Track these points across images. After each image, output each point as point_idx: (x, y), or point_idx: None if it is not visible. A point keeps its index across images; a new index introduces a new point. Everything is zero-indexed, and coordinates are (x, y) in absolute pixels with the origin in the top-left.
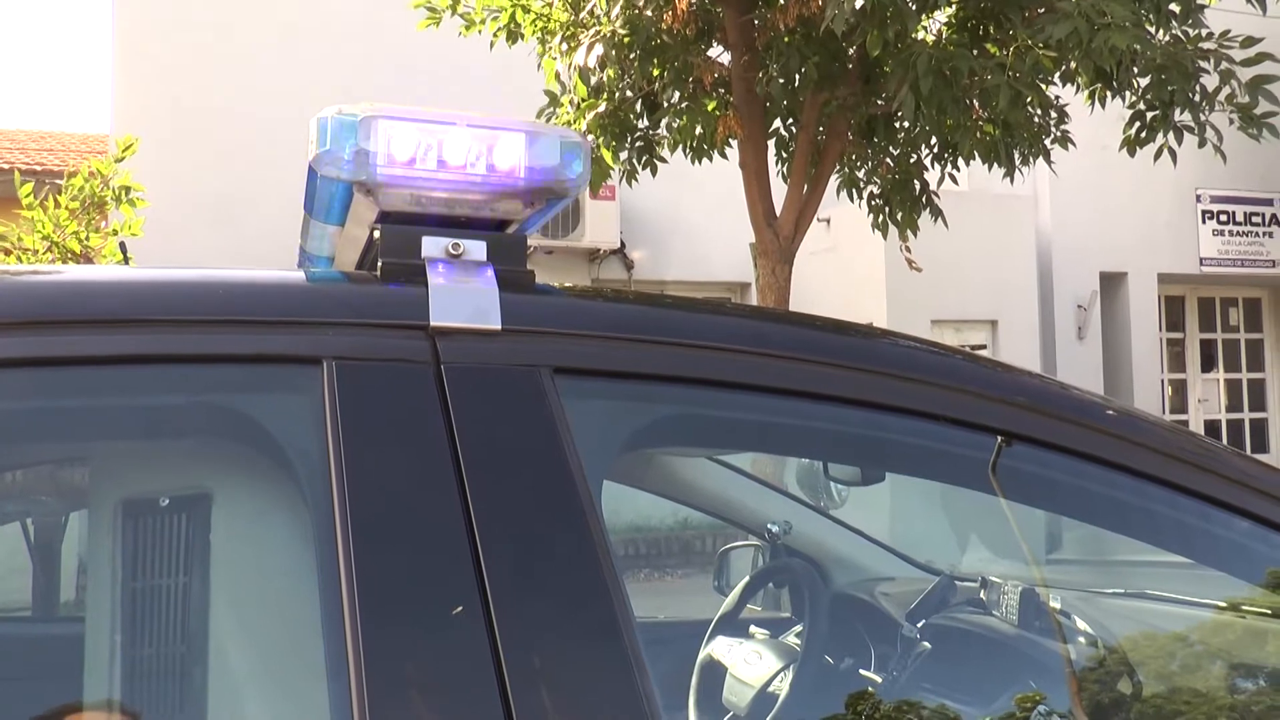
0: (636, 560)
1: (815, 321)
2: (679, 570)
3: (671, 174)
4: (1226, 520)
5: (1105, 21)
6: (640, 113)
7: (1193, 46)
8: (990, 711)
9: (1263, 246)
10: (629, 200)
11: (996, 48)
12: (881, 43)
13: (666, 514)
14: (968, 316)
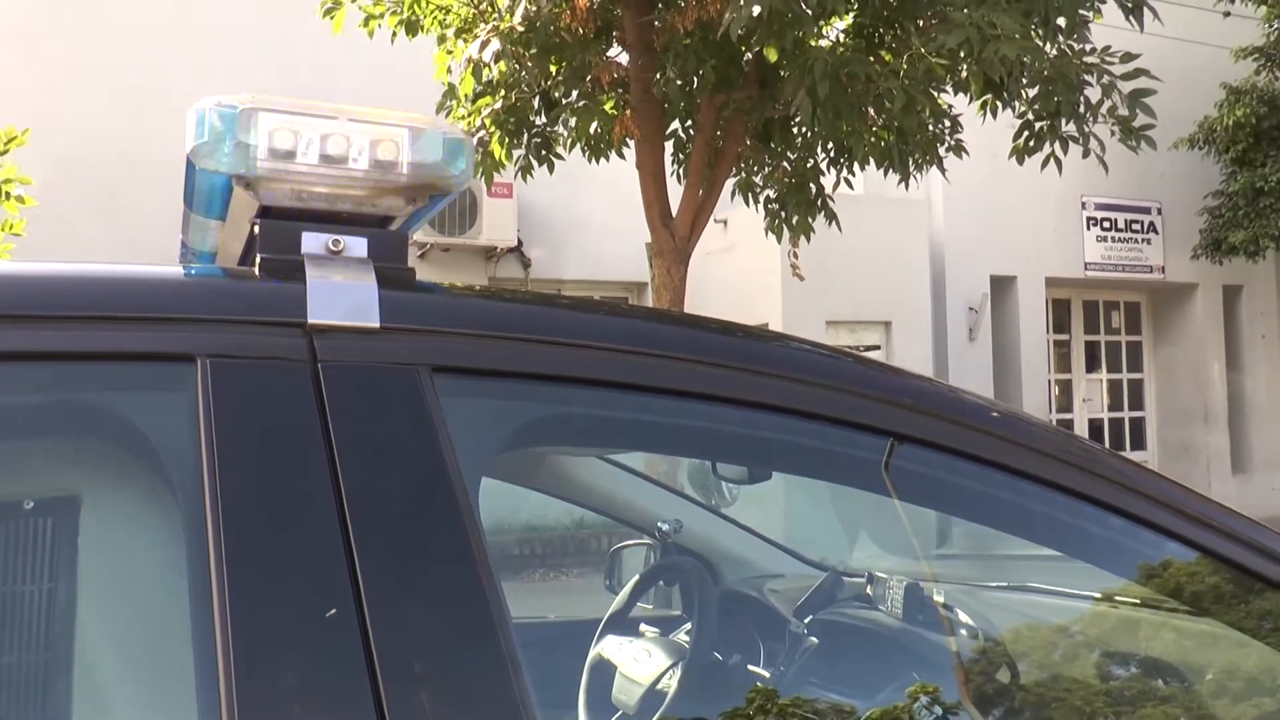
0: (532, 560)
1: (699, 322)
2: (574, 569)
3: (570, 172)
4: (1103, 518)
5: (995, 33)
6: (538, 110)
7: (1078, 60)
8: (875, 703)
9: (1142, 252)
10: (527, 198)
11: (891, 55)
12: (779, 48)
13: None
14: (862, 318)
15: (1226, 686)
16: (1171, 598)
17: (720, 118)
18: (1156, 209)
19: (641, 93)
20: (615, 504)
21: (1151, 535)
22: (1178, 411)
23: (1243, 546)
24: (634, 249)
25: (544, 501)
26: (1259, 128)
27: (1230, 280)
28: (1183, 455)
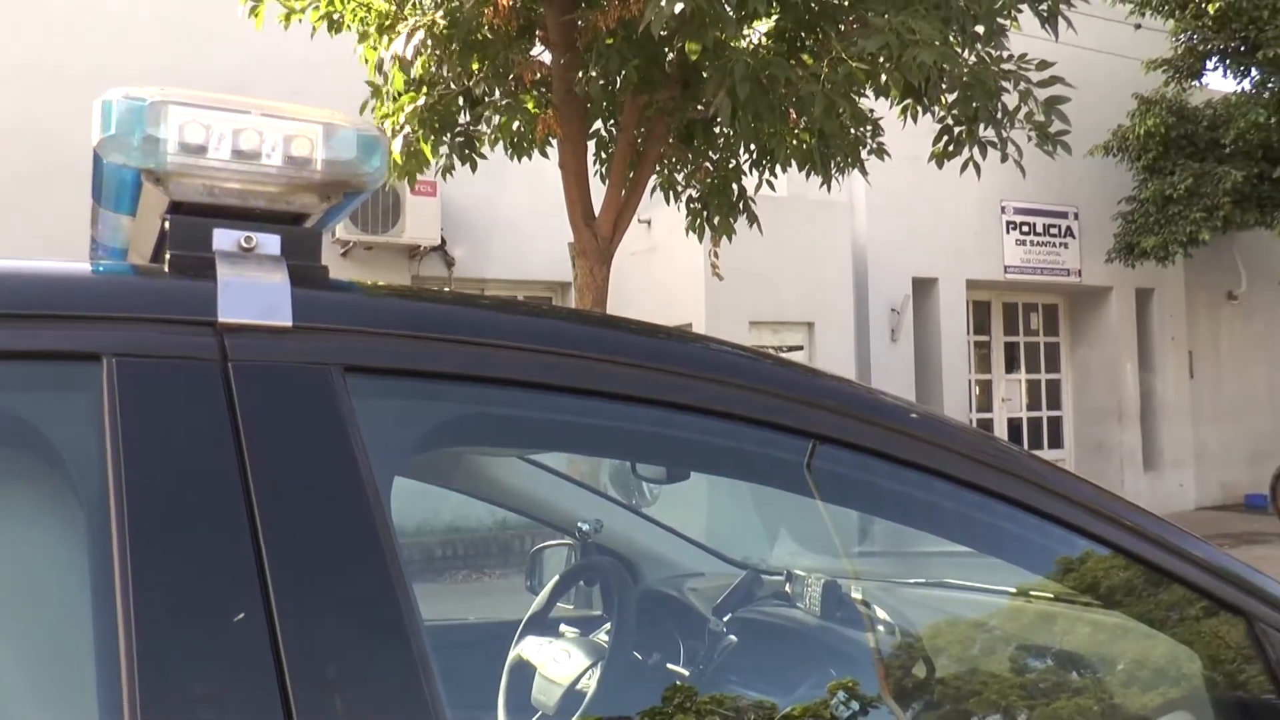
0: (455, 561)
1: (617, 322)
2: (497, 570)
3: (493, 171)
4: (1018, 516)
5: (915, 39)
6: (461, 108)
7: (996, 67)
8: (793, 700)
9: (1060, 256)
10: (450, 197)
11: (812, 58)
12: (700, 48)
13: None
14: (785, 318)
15: (1136, 676)
16: (1084, 593)
17: (643, 118)
18: (1073, 214)
19: (564, 92)
20: (536, 504)
21: (1065, 533)
22: (1093, 411)
23: (1149, 543)
24: (558, 249)
25: (467, 502)
26: (1168, 137)
27: (1142, 284)
28: (1098, 453)
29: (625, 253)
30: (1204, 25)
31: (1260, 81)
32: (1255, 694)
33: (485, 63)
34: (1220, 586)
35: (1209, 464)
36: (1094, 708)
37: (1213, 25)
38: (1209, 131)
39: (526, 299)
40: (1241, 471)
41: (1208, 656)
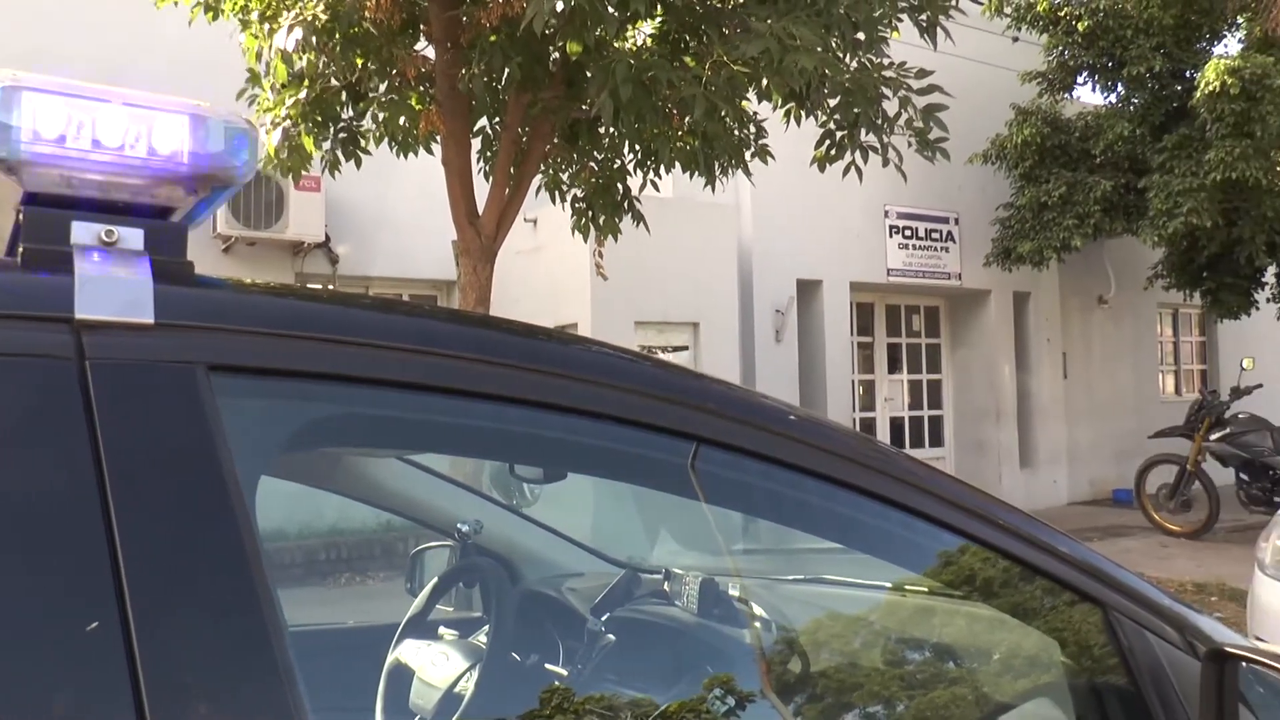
0: (338, 564)
1: (494, 323)
2: (381, 573)
3: (379, 168)
4: (896, 515)
5: (795, 44)
6: (344, 103)
7: (876, 74)
8: (670, 697)
9: (941, 260)
10: (335, 193)
11: (694, 61)
12: (583, 47)
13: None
14: (671, 319)
15: (1003, 666)
16: (957, 588)
17: (527, 116)
18: (954, 219)
19: (448, 88)
20: (415, 506)
21: (938, 530)
22: (972, 410)
23: (1016, 538)
24: (444, 247)
25: (351, 504)
26: (1043, 146)
27: (1020, 287)
28: (976, 451)
29: (511, 252)
30: (1075, 41)
31: (1125, 96)
32: (1108, 679)
33: (368, 57)
34: (1079, 578)
35: (1080, 461)
36: (969, 697)
37: (1082, 42)
38: (1081, 142)
39: (409, 298)
40: (1110, 468)
41: (1067, 645)
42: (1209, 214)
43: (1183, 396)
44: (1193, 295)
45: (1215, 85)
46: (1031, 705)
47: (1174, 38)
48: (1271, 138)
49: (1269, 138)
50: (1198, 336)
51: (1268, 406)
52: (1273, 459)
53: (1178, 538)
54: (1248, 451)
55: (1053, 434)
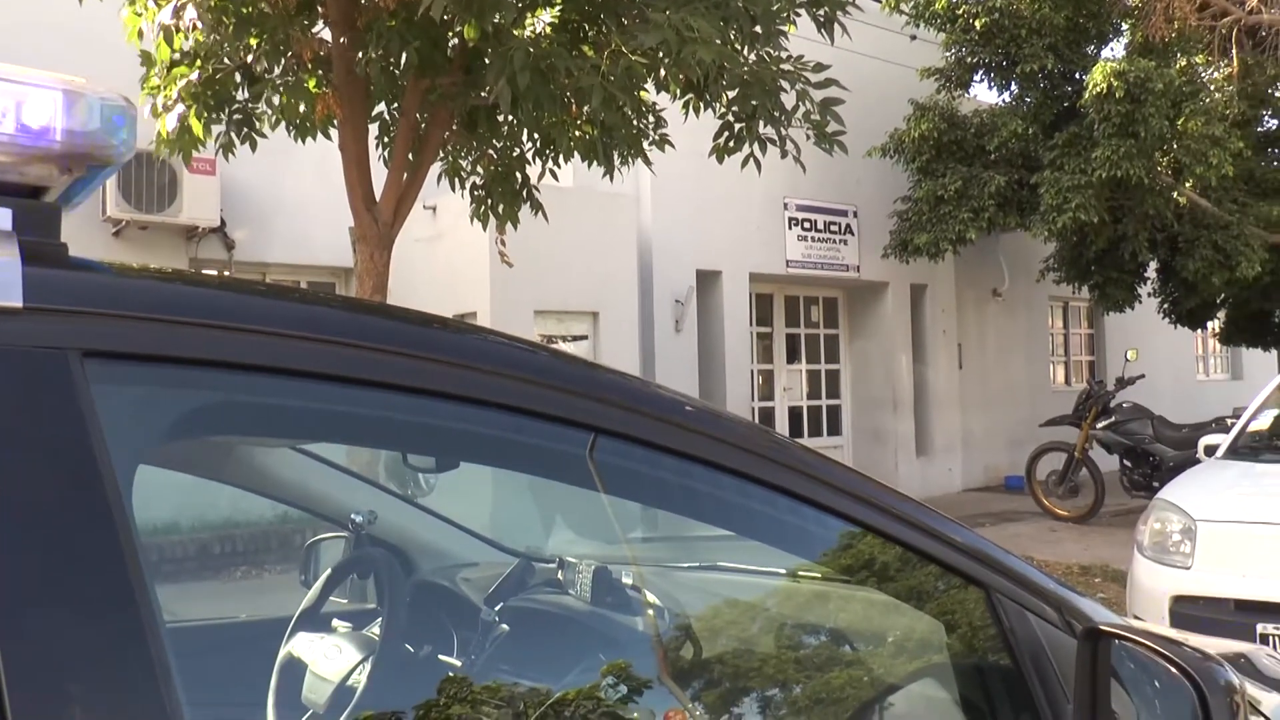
0: (234, 557)
1: (380, 310)
2: (278, 565)
3: (277, 151)
4: (791, 504)
5: (693, 35)
6: (239, 84)
7: (775, 67)
8: (564, 686)
9: (839, 252)
10: (232, 176)
11: (593, 50)
12: (481, 33)
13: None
14: (570, 308)
15: (899, 647)
16: (852, 573)
17: (425, 102)
18: (853, 212)
19: (345, 72)
20: (309, 496)
21: (832, 519)
22: (870, 400)
23: (905, 525)
24: (341, 233)
25: (245, 495)
26: (940, 141)
27: (917, 279)
28: (874, 440)
29: (410, 239)
30: (971, 40)
31: (1019, 95)
32: (991, 659)
33: (263, 38)
34: (965, 562)
35: (974, 449)
36: (864, 678)
37: (979, 40)
38: (976, 138)
39: (306, 285)
40: (1002, 455)
41: (953, 627)
42: (1096, 210)
43: (1072, 386)
44: (1081, 289)
45: (1102, 87)
46: (918, 686)
47: (1065, 39)
48: (1153, 139)
49: (1151, 139)
50: (1086, 329)
51: (1149, 396)
52: (1153, 446)
53: (1066, 522)
54: (1131, 439)
55: (948, 423)
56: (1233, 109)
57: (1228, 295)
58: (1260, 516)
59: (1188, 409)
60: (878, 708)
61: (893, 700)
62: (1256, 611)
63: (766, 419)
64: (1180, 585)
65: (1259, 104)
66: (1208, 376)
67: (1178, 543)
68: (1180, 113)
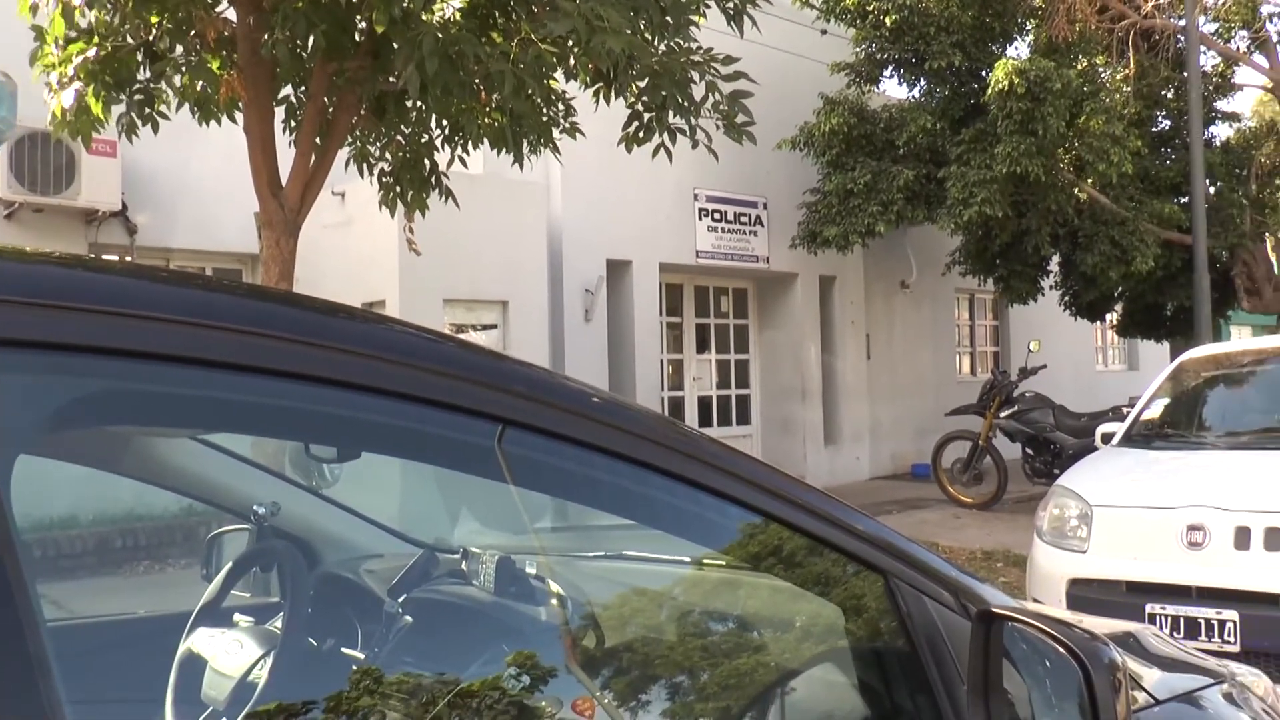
0: (136, 551)
1: (279, 297)
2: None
3: (182, 133)
4: (696, 495)
5: (603, 25)
6: (140, 63)
7: (684, 58)
8: (468, 677)
9: (749, 243)
10: (134, 159)
11: (503, 37)
12: (389, 18)
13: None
14: (480, 296)
15: (800, 633)
16: (755, 562)
17: (332, 86)
18: (762, 204)
19: (249, 53)
20: (211, 488)
21: (737, 509)
22: (779, 389)
23: (808, 514)
24: (248, 219)
25: (147, 488)
26: (850, 135)
27: (826, 271)
28: (783, 429)
29: (318, 225)
30: (881, 36)
31: (927, 91)
32: (889, 642)
33: (164, 16)
34: (865, 549)
35: (882, 438)
36: (766, 664)
37: (889, 37)
38: (885, 133)
39: (211, 271)
40: (909, 444)
41: (853, 613)
42: (1000, 205)
43: (977, 376)
44: (986, 281)
45: (1004, 84)
46: (818, 670)
47: (972, 37)
48: (1052, 137)
49: (1050, 137)
50: (991, 320)
51: (1051, 386)
52: (1054, 434)
53: (970, 509)
54: (1032, 428)
55: (856, 412)
56: (1130, 109)
57: (1124, 289)
58: (1150, 502)
59: (1087, 398)
60: (779, 693)
61: (794, 685)
62: (1145, 592)
63: (676, 408)
64: (1076, 568)
65: (1153, 105)
66: (1106, 367)
67: (1075, 528)
68: (1081, 111)
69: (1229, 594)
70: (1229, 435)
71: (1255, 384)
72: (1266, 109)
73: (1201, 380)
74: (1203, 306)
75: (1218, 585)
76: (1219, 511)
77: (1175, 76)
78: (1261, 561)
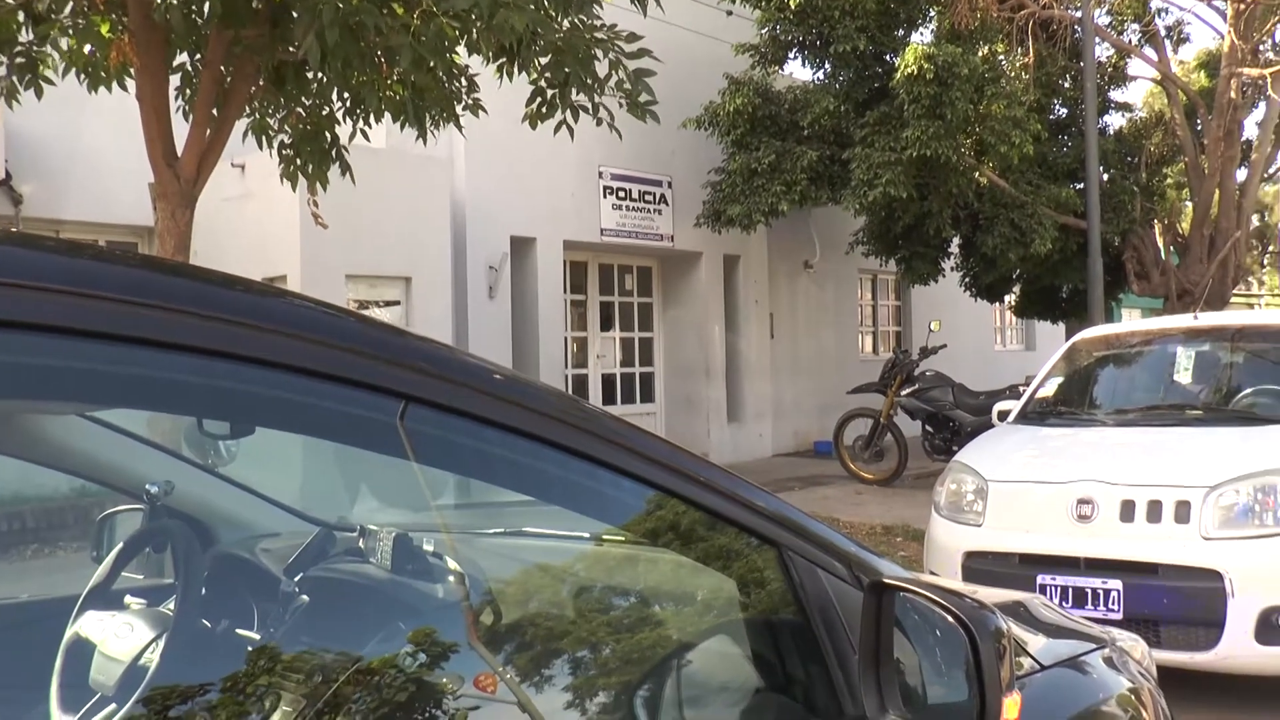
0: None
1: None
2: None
3: (73, 100)
4: (598, 472)
5: (506, 1)
6: (21, 24)
7: (588, 34)
8: (365, 655)
9: (653, 221)
10: (19, 126)
11: (404, 9)
12: None
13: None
14: (383, 272)
15: (696, 607)
16: (656, 537)
17: (230, 54)
18: (667, 182)
19: (141, 17)
20: (101, 467)
21: (638, 485)
22: (683, 367)
23: (708, 490)
24: (144, 190)
25: (34, 469)
26: (755, 115)
27: (730, 250)
28: (687, 407)
29: (218, 198)
30: (786, 18)
31: (832, 73)
32: (783, 614)
33: None
34: (759, 523)
35: (785, 415)
36: (674, 635)
37: (794, 19)
38: (790, 114)
39: (105, 244)
40: (812, 421)
41: (747, 585)
42: (904, 186)
43: (879, 355)
44: (889, 262)
45: (913, 68)
46: (714, 643)
47: (876, 22)
48: (959, 121)
49: (957, 121)
50: (893, 300)
51: (951, 365)
52: (953, 412)
53: (871, 485)
54: (932, 405)
55: (759, 390)
56: (1029, 96)
57: (1022, 271)
58: (1043, 477)
59: (986, 377)
60: (675, 665)
61: (691, 658)
62: (1037, 564)
63: (580, 386)
64: (972, 542)
65: (1051, 93)
66: (1004, 347)
67: (971, 502)
68: (983, 97)
69: (1114, 564)
70: (1118, 413)
71: (1143, 364)
72: (1156, 100)
73: (1093, 360)
74: (1096, 289)
75: (1104, 556)
76: (1107, 486)
77: (1072, 66)
78: (1144, 533)
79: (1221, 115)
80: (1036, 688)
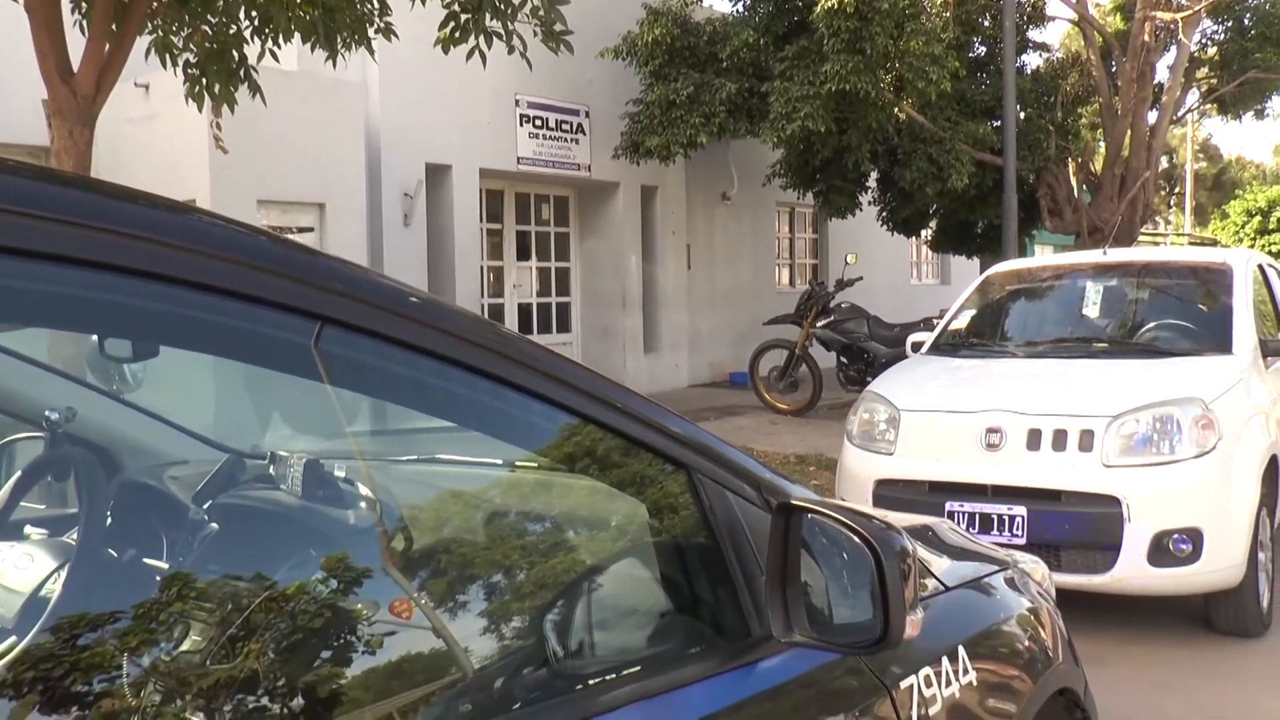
0: None
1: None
2: None
3: None
4: (514, 396)
5: None
6: None
7: None
8: (280, 582)
9: (571, 151)
10: None
11: None
12: None
13: None
14: (295, 199)
15: (615, 531)
16: (571, 463)
17: None
18: (585, 112)
19: None
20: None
21: (553, 410)
22: (600, 297)
23: (619, 414)
24: (38, 107)
25: None
26: (673, 47)
27: (648, 181)
28: (603, 337)
29: (122, 119)
30: None
31: (751, 6)
32: (692, 537)
33: None
34: (669, 445)
35: (701, 346)
36: (587, 560)
37: None
38: (709, 46)
39: None
40: (728, 352)
41: (659, 509)
42: (823, 120)
43: (795, 288)
44: (806, 195)
45: (833, 2)
46: (624, 566)
47: None
48: (879, 56)
49: (876, 56)
50: (811, 233)
51: (867, 298)
52: (867, 344)
53: (786, 415)
54: (847, 337)
55: (676, 321)
56: (949, 33)
57: (939, 206)
58: (953, 406)
59: (901, 310)
60: (586, 589)
61: (601, 581)
62: (946, 491)
63: (496, 315)
64: (883, 469)
65: (970, 31)
66: (920, 281)
67: (883, 431)
68: (903, 33)
69: (1019, 491)
70: (1028, 345)
71: (1053, 298)
72: (1073, 41)
73: (1005, 293)
74: (1010, 224)
75: (1010, 484)
76: (1014, 415)
77: (992, 4)
78: (1049, 461)
79: (1135, 57)
80: (940, 607)
